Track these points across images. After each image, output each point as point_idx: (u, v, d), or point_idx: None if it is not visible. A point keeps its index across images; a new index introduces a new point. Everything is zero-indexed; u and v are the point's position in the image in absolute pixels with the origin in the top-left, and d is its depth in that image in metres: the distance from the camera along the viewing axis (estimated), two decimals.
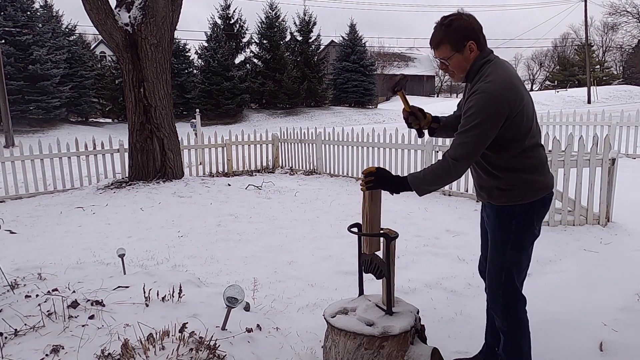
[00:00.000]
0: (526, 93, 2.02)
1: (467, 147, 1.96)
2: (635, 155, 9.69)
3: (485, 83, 1.95)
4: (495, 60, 2.04)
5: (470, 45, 2.03)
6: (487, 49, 2.08)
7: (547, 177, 2.14)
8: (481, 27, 2.07)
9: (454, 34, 2.03)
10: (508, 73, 1.99)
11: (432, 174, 2.05)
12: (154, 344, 2.29)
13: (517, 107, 1.95)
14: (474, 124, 1.93)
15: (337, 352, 2.23)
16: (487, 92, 1.91)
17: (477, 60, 2.05)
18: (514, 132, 1.99)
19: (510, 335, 2.19)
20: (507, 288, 2.14)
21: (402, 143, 7.66)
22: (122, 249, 3.53)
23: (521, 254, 2.12)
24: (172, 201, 6.81)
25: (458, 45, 2.04)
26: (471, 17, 2.07)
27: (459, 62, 2.07)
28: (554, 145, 4.99)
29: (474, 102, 1.94)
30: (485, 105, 1.91)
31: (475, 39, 2.04)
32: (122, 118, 28.71)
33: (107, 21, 7.62)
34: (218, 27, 30.94)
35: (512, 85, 1.95)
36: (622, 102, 31.81)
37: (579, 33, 51.45)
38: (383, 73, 43.44)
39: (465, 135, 1.96)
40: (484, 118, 1.91)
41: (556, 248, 4.33)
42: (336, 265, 4.05)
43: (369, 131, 8.58)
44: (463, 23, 2.03)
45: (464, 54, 2.05)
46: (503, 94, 1.91)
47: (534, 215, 2.11)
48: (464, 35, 2.03)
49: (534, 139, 2.07)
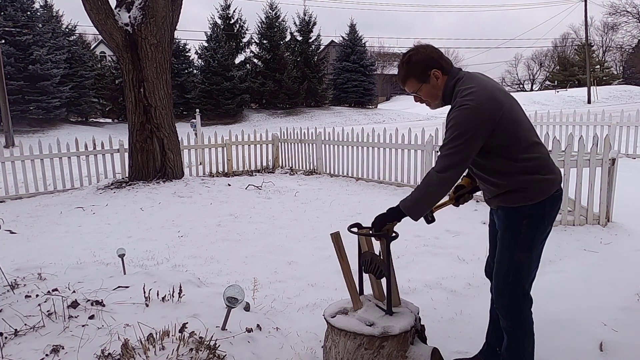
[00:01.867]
0: (507, 98, 2.05)
1: (449, 158, 2.00)
2: (635, 155, 9.69)
3: (461, 98, 2.01)
4: (467, 76, 2.11)
5: (434, 73, 2.12)
6: (454, 70, 2.16)
7: (553, 174, 2.12)
8: (440, 54, 2.16)
9: (415, 68, 2.14)
10: (482, 84, 2.03)
11: (418, 192, 2.10)
12: (154, 344, 2.29)
13: (498, 114, 1.98)
14: (453, 136, 1.98)
15: (337, 352, 2.23)
16: (466, 106, 1.97)
17: (448, 82, 2.14)
18: (504, 139, 2.01)
19: (514, 335, 2.19)
20: (514, 288, 2.14)
21: (402, 143, 7.65)
22: (122, 249, 3.54)
23: (531, 254, 2.12)
24: (172, 201, 6.81)
25: (422, 76, 2.14)
26: (428, 47, 2.18)
27: (429, 91, 2.17)
28: (554, 145, 4.99)
29: (454, 115, 2.02)
30: (465, 117, 1.97)
31: (437, 66, 2.12)
32: (122, 118, 28.72)
33: (107, 21, 7.62)
34: (218, 27, 30.95)
35: (489, 95, 2.00)
36: (622, 102, 31.83)
37: (579, 33, 51.50)
38: (383, 73, 43.46)
39: (446, 147, 2.01)
40: (464, 130, 1.96)
41: (556, 248, 4.33)
42: (336, 265, 3.99)
43: (369, 131, 8.58)
44: (421, 55, 2.13)
45: (431, 83, 2.14)
46: (482, 104, 1.96)
47: (545, 215, 2.11)
48: (425, 66, 2.12)
49: (529, 139, 2.08)
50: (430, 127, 9.39)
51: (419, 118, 30.36)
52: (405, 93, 37.08)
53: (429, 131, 7.70)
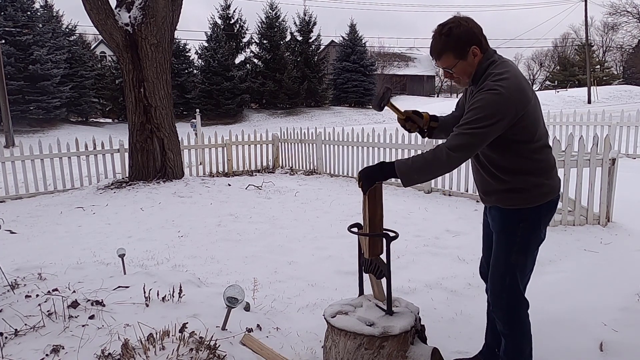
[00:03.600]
0: (533, 94, 1.99)
1: (465, 138, 1.89)
2: (636, 155, 9.69)
3: (494, 82, 1.90)
4: (501, 60, 2.01)
5: (473, 50, 1.99)
6: (490, 50, 2.04)
7: (554, 180, 2.10)
8: (481, 29, 2.03)
9: (455, 42, 1.97)
10: (516, 74, 1.94)
11: (422, 162, 1.96)
12: (154, 344, 2.29)
13: (523, 109, 1.91)
14: (476, 118, 1.87)
15: (337, 352, 2.23)
16: (496, 91, 1.87)
17: (482, 62, 2.01)
18: (520, 134, 1.96)
19: (511, 338, 2.18)
20: (510, 292, 2.11)
21: (402, 143, 7.66)
22: (122, 249, 3.54)
23: (527, 257, 2.09)
24: (172, 201, 6.81)
25: (461, 52, 1.99)
26: (470, 20, 2.01)
27: (464, 68, 2.02)
28: (554, 145, 4.99)
29: (482, 97, 1.89)
30: (492, 102, 1.86)
31: (478, 43, 1.99)
32: (122, 118, 28.72)
33: (107, 21, 7.61)
34: (218, 27, 30.98)
35: (521, 87, 1.91)
36: (623, 102, 31.81)
37: (579, 33, 51.47)
38: (383, 73, 43.44)
39: (466, 127, 1.89)
40: (488, 114, 1.86)
41: (556, 248, 4.33)
42: (336, 265, 4.05)
43: (369, 131, 8.58)
44: (463, 29, 1.97)
45: (467, 60, 2.00)
46: (512, 94, 1.87)
47: (541, 219, 2.08)
48: (465, 41, 1.97)
49: (542, 140, 2.03)
50: None
51: None
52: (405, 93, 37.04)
53: None
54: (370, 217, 2.22)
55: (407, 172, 1.99)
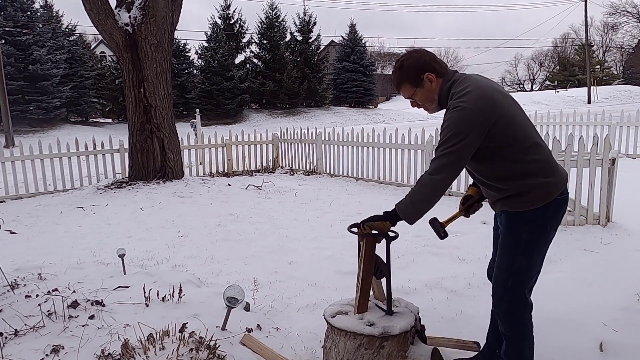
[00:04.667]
0: (504, 98, 2.02)
1: (441, 160, 1.98)
2: (635, 155, 9.69)
3: (456, 100, 1.99)
4: (461, 78, 2.08)
5: (427, 77, 2.11)
6: (449, 72, 2.14)
7: (555, 177, 2.05)
8: (433, 57, 2.14)
9: (408, 73, 2.13)
10: (477, 85, 2.00)
11: (413, 195, 2.07)
12: (154, 344, 2.29)
13: (494, 114, 1.94)
14: (446, 138, 1.96)
15: (337, 352, 2.23)
16: (459, 107, 1.95)
17: (443, 86, 2.12)
18: (501, 140, 1.97)
19: (512, 340, 2.17)
20: (512, 295, 2.10)
21: (402, 143, 7.66)
22: (122, 249, 3.54)
23: (531, 260, 2.08)
24: (172, 201, 6.81)
25: (416, 80, 2.13)
26: (420, 51, 2.16)
27: (424, 95, 2.15)
28: (554, 145, 4.99)
29: (448, 116, 2.00)
30: (458, 119, 1.95)
31: (430, 69, 2.11)
32: (122, 118, 28.72)
33: (107, 21, 7.62)
34: (218, 27, 30.95)
35: (485, 95, 1.97)
36: (622, 102, 31.83)
37: (579, 33, 51.52)
38: (383, 73, 43.46)
39: (440, 149, 1.99)
40: (457, 131, 1.94)
41: (556, 248, 4.32)
42: (336, 265, 4.05)
43: (369, 131, 8.58)
44: (412, 60, 2.12)
45: (425, 87, 2.13)
46: (476, 105, 1.94)
47: (547, 221, 2.05)
48: (417, 70, 2.11)
49: (528, 141, 2.02)
50: (430, 127, 9.38)
51: (419, 118, 30.35)
52: None
53: (429, 131, 7.69)
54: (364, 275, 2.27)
55: (406, 210, 2.09)
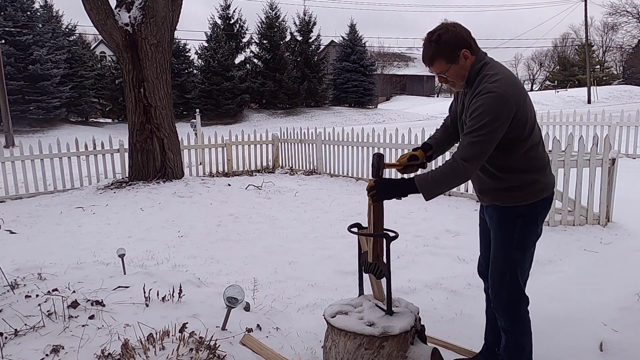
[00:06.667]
0: (525, 91, 2.06)
1: (476, 146, 1.94)
2: (635, 155, 9.69)
3: (489, 83, 1.95)
4: (492, 62, 2.07)
5: (464, 54, 2.04)
6: (481, 52, 2.10)
7: (548, 178, 2.15)
8: (469, 32, 2.08)
9: (445, 48, 2.03)
10: (506, 73, 2.02)
11: (441, 176, 2.00)
12: (154, 344, 2.29)
13: (521, 106, 1.97)
14: (482, 124, 1.91)
15: (337, 352, 2.23)
16: (494, 92, 1.92)
17: (475, 64, 2.06)
18: (518, 132, 2.00)
19: (512, 334, 2.20)
20: (510, 288, 2.14)
21: (402, 143, 7.65)
22: (122, 249, 3.54)
23: (525, 254, 2.13)
24: (172, 201, 6.81)
25: (452, 57, 2.04)
26: (457, 25, 2.07)
27: (456, 72, 2.07)
28: (554, 145, 4.99)
29: (482, 101, 1.93)
30: (493, 104, 1.91)
31: (467, 46, 2.05)
32: (122, 118, 28.69)
33: (107, 21, 7.61)
34: (218, 27, 30.94)
35: (516, 85, 1.98)
36: (622, 102, 31.82)
37: (579, 33, 51.51)
38: (383, 73, 43.46)
39: (474, 135, 1.93)
40: (493, 117, 1.90)
41: (556, 248, 4.33)
42: (336, 265, 4.05)
43: (369, 131, 8.58)
44: (451, 34, 2.03)
45: (459, 64, 2.05)
46: (510, 92, 1.93)
47: (538, 216, 2.12)
48: (454, 46, 2.03)
49: (535, 139, 2.08)
50: (430, 127, 9.37)
51: (419, 118, 30.35)
52: (405, 93, 36.89)
53: (429, 131, 7.67)
54: (375, 221, 2.25)
55: (429, 187, 2.02)
